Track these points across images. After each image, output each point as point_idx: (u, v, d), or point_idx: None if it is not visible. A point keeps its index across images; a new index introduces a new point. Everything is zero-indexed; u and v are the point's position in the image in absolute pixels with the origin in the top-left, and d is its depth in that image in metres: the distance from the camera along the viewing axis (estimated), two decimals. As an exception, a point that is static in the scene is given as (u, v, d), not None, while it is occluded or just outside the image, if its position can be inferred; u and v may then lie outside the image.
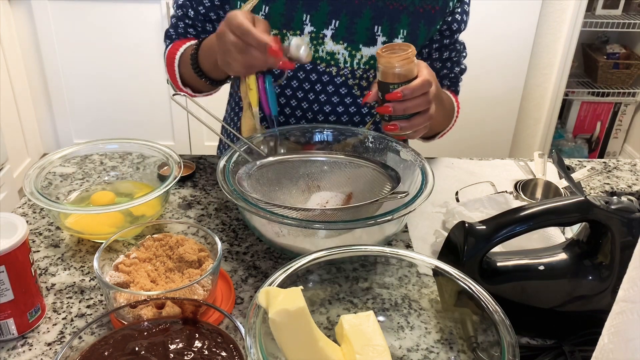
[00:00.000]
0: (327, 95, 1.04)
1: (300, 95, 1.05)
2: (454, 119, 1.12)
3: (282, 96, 1.05)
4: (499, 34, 2.52)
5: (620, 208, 0.70)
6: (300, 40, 0.84)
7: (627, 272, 0.44)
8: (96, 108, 2.77)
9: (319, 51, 1.01)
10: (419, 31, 1.02)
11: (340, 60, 1.01)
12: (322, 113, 1.06)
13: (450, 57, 1.10)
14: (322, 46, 1.00)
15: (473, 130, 2.73)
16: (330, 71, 1.02)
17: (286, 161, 0.91)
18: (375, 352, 0.63)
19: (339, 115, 1.06)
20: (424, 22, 1.01)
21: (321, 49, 1.00)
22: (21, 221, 0.70)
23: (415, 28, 1.01)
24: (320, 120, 1.07)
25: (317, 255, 0.70)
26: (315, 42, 1.00)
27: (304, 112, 1.06)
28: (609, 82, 2.86)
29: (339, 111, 1.06)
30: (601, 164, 1.21)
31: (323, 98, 1.04)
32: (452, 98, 1.11)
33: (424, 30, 1.02)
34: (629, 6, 2.77)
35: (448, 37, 1.07)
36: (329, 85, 1.03)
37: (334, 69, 1.02)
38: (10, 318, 0.69)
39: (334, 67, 1.02)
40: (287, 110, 1.07)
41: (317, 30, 0.99)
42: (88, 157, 0.99)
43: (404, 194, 0.80)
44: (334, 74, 1.02)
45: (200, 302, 0.64)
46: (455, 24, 1.06)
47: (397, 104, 0.81)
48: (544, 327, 0.74)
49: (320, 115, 1.06)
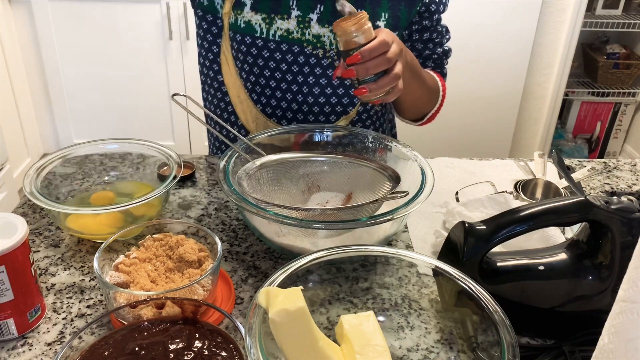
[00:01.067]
0: (315, 77, 1.07)
1: (289, 78, 1.07)
2: (440, 100, 1.14)
3: (272, 79, 1.07)
4: (499, 34, 2.52)
5: (620, 208, 0.70)
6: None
7: (627, 272, 0.44)
8: (96, 108, 2.77)
9: (305, 34, 1.04)
10: (400, 13, 1.05)
11: (326, 43, 1.04)
12: (311, 95, 1.08)
13: (432, 38, 1.12)
14: (309, 29, 1.03)
15: (473, 130, 2.73)
16: (317, 53, 1.05)
17: (286, 161, 0.91)
18: (375, 352, 0.63)
19: (327, 97, 1.09)
20: (404, 5, 1.05)
21: (307, 32, 1.04)
22: (21, 221, 0.70)
23: (396, 10, 1.04)
24: (310, 102, 1.09)
25: (317, 255, 0.70)
26: (301, 25, 1.03)
27: (294, 94, 1.08)
28: (609, 82, 2.86)
29: (327, 92, 1.08)
30: (601, 164, 1.21)
31: (311, 80, 1.07)
32: (437, 78, 1.13)
33: (405, 12, 1.05)
34: (629, 6, 2.77)
35: (427, 18, 1.09)
36: (317, 68, 1.06)
37: (321, 51, 1.05)
38: (10, 318, 0.69)
39: (320, 50, 1.05)
40: (277, 94, 1.09)
41: (304, 15, 1.03)
42: (88, 157, 0.99)
43: (403, 194, 0.80)
44: (321, 56, 1.05)
45: (200, 302, 0.64)
46: (433, 4, 1.08)
47: (359, 66, 0.83)
48: (544, 327, 0.74)
49: (310, 97, 1.08)
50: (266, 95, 1.09)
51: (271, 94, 1.09)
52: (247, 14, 1.03)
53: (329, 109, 1.09)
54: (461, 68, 2.41)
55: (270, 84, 1.08)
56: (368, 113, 1.14)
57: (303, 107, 1.09)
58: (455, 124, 2.63)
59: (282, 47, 1.04)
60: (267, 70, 1.07)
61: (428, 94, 1.10)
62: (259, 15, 1.03)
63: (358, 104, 1.11)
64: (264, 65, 1.06)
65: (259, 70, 1.07)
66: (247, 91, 1.10)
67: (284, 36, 1.04)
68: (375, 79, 0.84)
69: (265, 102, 1.10)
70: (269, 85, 1.08)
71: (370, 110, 1.14)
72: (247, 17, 1.04)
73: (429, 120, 1.17)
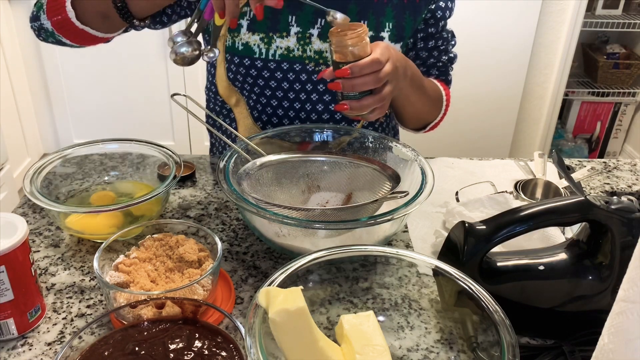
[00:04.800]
0: (318, 94, 1.04)
1: (291, 96, 1.05)
2: (444, 109, 1.11)
3: (274, 99, 1.05)
4: (499, 34, 2.52)
5: (620, 208, 0.70)
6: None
7: (627, 272, 0.44)
8: (96, 108, 2.77)
9: (306, 51, 1.01)
10: (405, 23, 1.02)
11: (329, 58, 1.00)
12: (314, 112, 1.06)
13: (437, 45, 1.08)
14: (310, 45, 1.00)
15: (473, 130, 2.73)
16: (320, 69, 1.02)
17: (286, 161, 0.91)
18: (375, 352, 0.63)
19: (332, 113, 1.07)
20: (409, 13, 1.02)
21: (309, 49, 1.01)
22: (21, 221, 0.70)
23: (401, 20, 1.01)
24: (313, 120, 1.07)
25: (317, 255, 0.70)
26: (302, 42, 1.00)
27: (297, 112, 1.06)
28: (609, 82, 2.86)
29: (331, 109, 1.06)
30: (601, 164, 1.21)
31: (314, 97, 1.05)
32: (440, 87, 1.10)
33: (410, 21, 1.02)
34: (629, 6, 2.76)
35: (433, 25, 1.05)
36: (320, 84, 1.03)
37: (323, 67, 1.02)
38: (10, 318, 0.69)
39: (322, 66, 1.02)
40: (279, 112, 1.07)
41: (304, 30, 1.00)
42: (88, 157, 0.99)
43: (403, 194, 0.80)
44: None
45: (200, 302, 0.64)
46: (439, 11, 1.04)
47: (345, 81, 0.80)
48: (544, 327, 0.74)
49: (314, 115, 1.06)
50: (267, 114, 1.07)
51: (272, 113, 1.07)
52: (244, 36, 1.00)
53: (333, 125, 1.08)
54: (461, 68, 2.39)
55: (271, 103, 1.06)
56: (373, 125, 1.13)
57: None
58: (455, 124, 2.63)
59: (282, 66, 1.01)
60: (268, 90, 1.04)
61: (430, 105, 1.07)
62: (256, 35, 1.00)
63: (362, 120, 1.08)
64: (264, 85, 1.04)
65: (259, 90, 1.05)
66: (248, 109, 1.08)
67: (284, 55, 1.01)
68: (360, 97, 0.82)
69: (266, 121, 1.08)
70: (270, 104, 1.06)
71: (375, 122, 1.13)
72: (244, 38, 1.00)
73: (432, 129, 1.14)
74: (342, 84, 0.80)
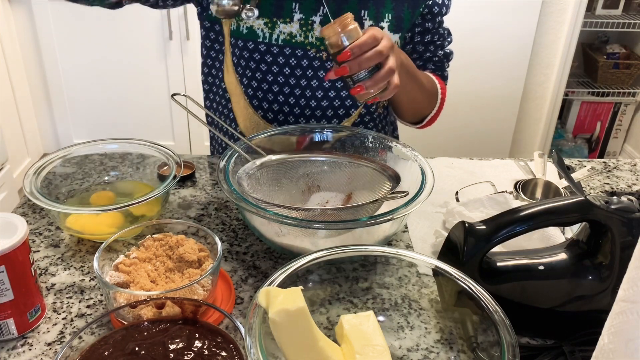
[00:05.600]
0: (318, 80, 1.07)
1: (292, 82, 1.07)
2: (439, 102, 1.13)
3: (275, 84, 1.07)
4: (499, 34, 2.52)
5: (620, 208, 0.70)
6: None
7: (627, 272, 0.44)
8: (96, 108, 2.77)
9: (308, 37, 1.04)
10: (404, 14, 1.05)
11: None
12: (314, 98, 1.08)
13: (433, 40, 1.11)
14: (312, 32, 1.03)
15: (473, 130, 2.74)
16: (321, 56, 1.05)
17: (286, 161, 0.91)
18: (375, 352, 0.63)
19: (330, 100, 1.09)
20: (407, 6, 1.05)
21: (311, 35, 1.04)
22: (21, 221, 0.70)
23: (400, 12, 1.05)
24: (312, 106, 1.08)
25: (317, 255, 0.70)
26: (304, 28, 1.03)
27: (297, 98, 1.08)
28: (609, 82, 2.86)
29: (331, 95, 1.08)
30: (601, 164, 1.21)
31: (314, 83, 1.07)
32: (435, 80, 1.12)
33: (408, 14, 1.05)
34: (629, 6, 2.76)
35: (430, 20, 1.08)
36: (321, 70, 1.06)
37: (324, 54, 1.05)
38: (10, 318, 0.69)
39: (323, 52, 1.05)
40: (280, 98, 1.08)
41: (306, 17, 1.03)
42: (88, 157, 0.99)
43: (403, 194, 0.80)
44: (324, 58, 1.05)
45: (200, 302, 0.64)
46: (436, 7, 1.07)
47: (351, 62, 0.83)
48: (544, 327, 0.74)
49: (313, 101, 1.08)
50: (268, 101, 1.09)
51: (273, 99, 1.09)
52: (249, 20, 1.03)
53: (331, 112, 1.09)
54: (461, 68, 2.41)
55: (272, 88, 1.08)
56: (371, 115, 1.14)
57: (305, 111, 1.09)
58: (455, 124, 2.63)
59: (285, 51, 1.04)
60: (270, 75, 1.07)
61: (425, 96, 1.10)
62: (261, 20, 1.03)
63: (361, 106, 1.11)
64: (267, 70, 1.06)
65: (261, 75, 1.07)
66: (247, 97, 1.10)
67: (287, 40, 1.04)
68: (370, 75, 0.84)
69: (267, 108, 1.10)
70: (271, 90, 1.08)
71: (373, 112, 1.14)
72: (249, 23, 1.04)
73: (429, 123, 1.17)
74: (348, 65, 0.83)
